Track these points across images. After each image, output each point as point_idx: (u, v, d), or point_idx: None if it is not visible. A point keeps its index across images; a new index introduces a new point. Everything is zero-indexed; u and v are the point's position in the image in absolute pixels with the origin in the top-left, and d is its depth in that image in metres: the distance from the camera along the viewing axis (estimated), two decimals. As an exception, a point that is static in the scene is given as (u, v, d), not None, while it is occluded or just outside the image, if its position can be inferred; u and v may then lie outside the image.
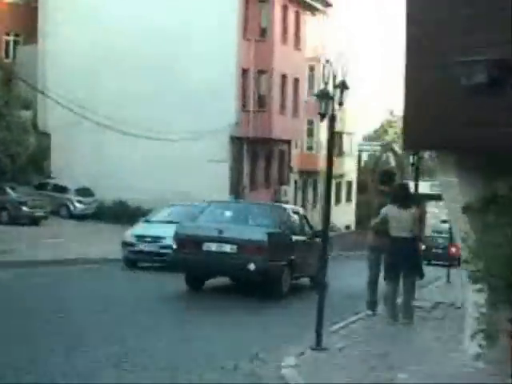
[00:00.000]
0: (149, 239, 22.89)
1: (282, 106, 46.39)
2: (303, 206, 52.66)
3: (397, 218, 13.05)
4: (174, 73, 40.60)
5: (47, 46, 43.35)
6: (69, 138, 41.33)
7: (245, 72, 43.33)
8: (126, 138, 39.00)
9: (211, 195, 39.18)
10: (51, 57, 42.86)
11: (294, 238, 18.12)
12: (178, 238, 17.14)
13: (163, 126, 39.15)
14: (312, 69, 52.21)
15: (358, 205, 62.59)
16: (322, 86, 11.42)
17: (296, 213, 20.12)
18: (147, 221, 24.83)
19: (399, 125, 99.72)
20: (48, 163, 42.90)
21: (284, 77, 46.38)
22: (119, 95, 40.80)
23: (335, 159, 56.61)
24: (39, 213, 35.88)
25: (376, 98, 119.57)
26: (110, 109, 39.04)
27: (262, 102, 44.91)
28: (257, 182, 45.94)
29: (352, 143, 62.45)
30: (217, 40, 40.48)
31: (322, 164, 54.86)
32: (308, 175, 54.16)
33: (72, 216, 40.22)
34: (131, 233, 23.61)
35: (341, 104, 11.03)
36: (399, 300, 13.48)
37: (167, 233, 21.73)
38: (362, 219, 60.77)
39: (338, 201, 60.81)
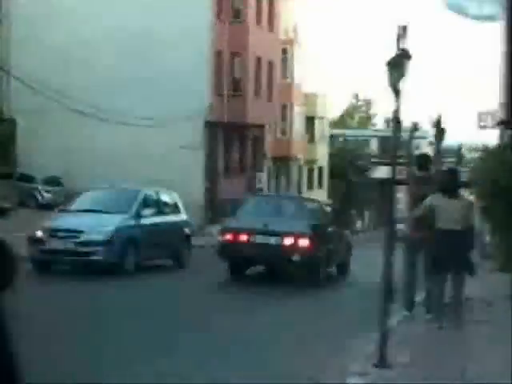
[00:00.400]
0: (62, 234, 17.87)
1: (257, 90, 44.72)
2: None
3: (446, 208, 11.47)
4: (147, 56, 38.75)
5: (11, 28, 41.12)
6: (36, 124, 39.23)
7: (219, 54, 41.57)
8: (96, 123, 37.15)
9: (185, 183, 37.83)
10: (16, 40, 40.63)
11: (329, 229, 19.33)
12: (226, 231, 18.34)
13: (135, 111, 37.33)
14: (285, 51, 50.62)
15: (330, 191, 61.14)
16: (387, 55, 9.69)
17: (327, 205, 22.35)
18: (63, 210, 20.23)
19: (365, 109, 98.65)
20: (14, 151, 40.77)
21: (258, 59, 44.73)
22: (89, 79, 38.84)
23: (307, 145, 55.60)
24: (6, 204, 33.81)
25: (340, 81, 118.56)
26: (80, 94, 37.11)
27: (236, 85, 43.24)
28: (231, 168, 44.28)
29: (324, 128, 61.02)
30: (191, 21, 38.64)
31: (295, 150, 53.43)
32: (281, 162, 52.55)
33: (40, 206, 38.17)
34: (42, 226, 18.58)
35: (403, 75, 9.38)
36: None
37: (86, 225, 17.93)
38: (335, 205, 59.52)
39: (310, 187, 59.41)
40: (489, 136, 27.33)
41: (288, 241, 17.32)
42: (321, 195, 60.80)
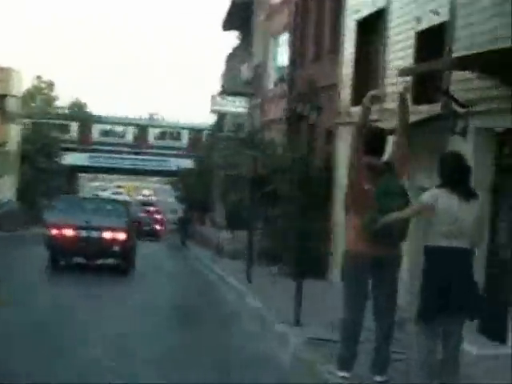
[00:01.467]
0: None
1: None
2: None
3: (454, 214, 7.14)
4: None
5: None
6: None
7: None
8: None
9: None
10: None
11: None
12: (50, 225, 20.25)
13: None
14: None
15: (21, 177, 54.37)
16: None
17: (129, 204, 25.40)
18: None
19: (48, 91, 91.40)
20: None
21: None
22: None
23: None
24: None
25: (20, 60, 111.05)
26: None
27: None
28: None
29: (17, 108, 54.23)
30: None
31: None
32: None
33: None
34: None
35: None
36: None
37: None
38: (25, 193, 53.15)
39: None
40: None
41: (108, 234, 19.94)
42: (10, 183, 54.00)
